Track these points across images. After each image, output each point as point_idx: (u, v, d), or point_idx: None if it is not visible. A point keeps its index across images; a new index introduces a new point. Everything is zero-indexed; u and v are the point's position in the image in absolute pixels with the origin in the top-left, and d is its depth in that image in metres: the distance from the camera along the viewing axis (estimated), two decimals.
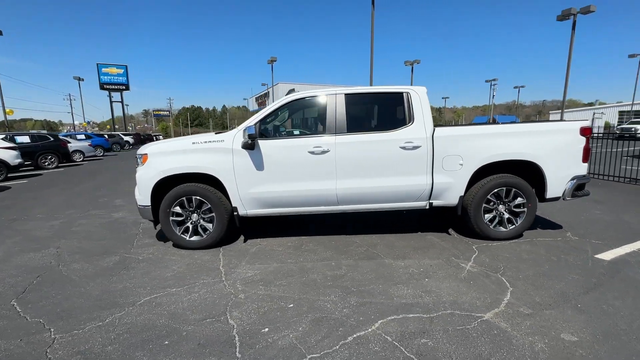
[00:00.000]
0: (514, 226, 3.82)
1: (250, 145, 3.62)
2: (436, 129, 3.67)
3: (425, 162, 3.66)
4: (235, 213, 3.76)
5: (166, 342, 2.16)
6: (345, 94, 3.77)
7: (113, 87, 39.25)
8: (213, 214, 3.74)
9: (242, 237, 4.19)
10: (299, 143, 3.66)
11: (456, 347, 2.04)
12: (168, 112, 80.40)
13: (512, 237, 3.85)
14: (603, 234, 4.02)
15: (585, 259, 3.31)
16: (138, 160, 3.90)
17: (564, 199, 3.82)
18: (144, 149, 3.81)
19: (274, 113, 3.78)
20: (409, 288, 2.80)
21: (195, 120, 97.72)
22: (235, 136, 3.69)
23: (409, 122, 3.70)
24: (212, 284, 2.98)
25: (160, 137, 41.70)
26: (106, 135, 24.42)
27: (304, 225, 4.68)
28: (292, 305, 2.59)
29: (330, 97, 3.76)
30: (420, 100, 3.74)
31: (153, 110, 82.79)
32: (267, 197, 3.72)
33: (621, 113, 44.71)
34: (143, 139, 37.99)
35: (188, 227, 3.81)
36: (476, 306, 2.49)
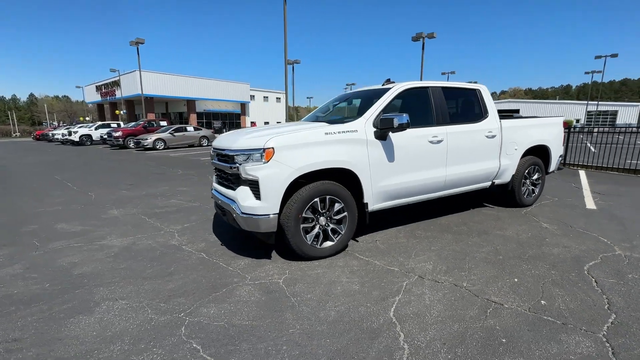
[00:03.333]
0: (535, 195, 5.12)
1: (383, 136, 3.42)
2: (501, 121, 4.48)
3: (498, 148, 4.43)
4: (366, 210, 3.46)
5: (504, 340, 2.03)
6: (442, 87, 4.06)
7: None
8: (345, 213, 3.32)
9: None
10: (422, 133, 3.72)
11: None
12: None
13: (532, 204, 5.15)
14: (560, 195, 5.89)
15: (586, 209, 4.88)
16: (241, 158, 3.00)
17: (553, 172, 5.41)
18: (264, 142, 2.92)
19: (391, 103, 3.67)
20: (552, 247, 3.47)
21: None
22: (366, 125, 3.39)
23: (484, 115, 4.36)
24: (416, 283, 2.77)
25: None
26: None
27: (376, 215, 4.64)
28: (516, 279, 2.80)
29: (433, 90, 3.96)
30: (488, 96, 4.46)
31: None
32: (394, 189, 3.61)
33: None
34: None
35: (318, 233, 3.23)
36: (605, 249, 3.41)
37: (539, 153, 5.09)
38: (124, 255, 3.48)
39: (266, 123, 50.36)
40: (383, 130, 3.36)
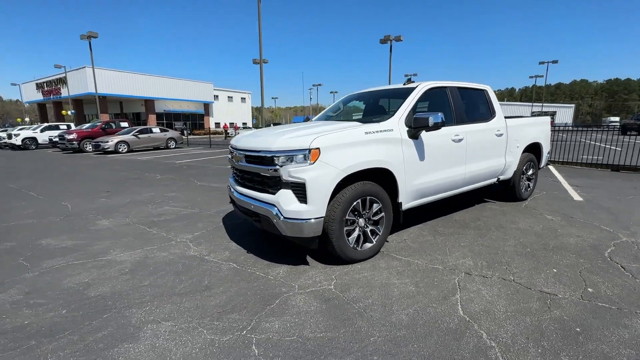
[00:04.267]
0: (530, 189, 5.47)
1: (416, 135, 3.43)
2: (506, 120, 4.72)
3: (505, 146, 4.66)
4: (400, 209, 3.43)
5: (578, 329, 2.11)
6: (457, 87, 4.17)
7: None
8: (382, 214, 3.27)
9: None
10: (447, 132, 3.79)
11: None
12: None
13: (528, 197, 5.49)
14: (545, 188, 6.37)
15: (575, 201, 5.31)
16: (283, 160, 2.82)
17: (543, 167, 5.82)
18: (309, 142, 2.76)
19: (418, 102, 3.69)
20: (567, 237, 3.71)
21: None
22: (399, 124, 3.37)
23: (492, 114, 4.56)
24: (467, 280, 2.80)
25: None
26: None
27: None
28: (555, 270, 2.94)
29: (451, 89, 4.06)
30: (493, 96, 4.67)
31: None
32: (423, 187, 3.63)
33: None
34: None
35: (358, 235, 3.14)
36: (612, 237, 3.72)
37: (533, 150, 5.44)
38: (141, 270, 3.11)
39: (231, 124, 48.81)
40: (417, 129, 3.37)
